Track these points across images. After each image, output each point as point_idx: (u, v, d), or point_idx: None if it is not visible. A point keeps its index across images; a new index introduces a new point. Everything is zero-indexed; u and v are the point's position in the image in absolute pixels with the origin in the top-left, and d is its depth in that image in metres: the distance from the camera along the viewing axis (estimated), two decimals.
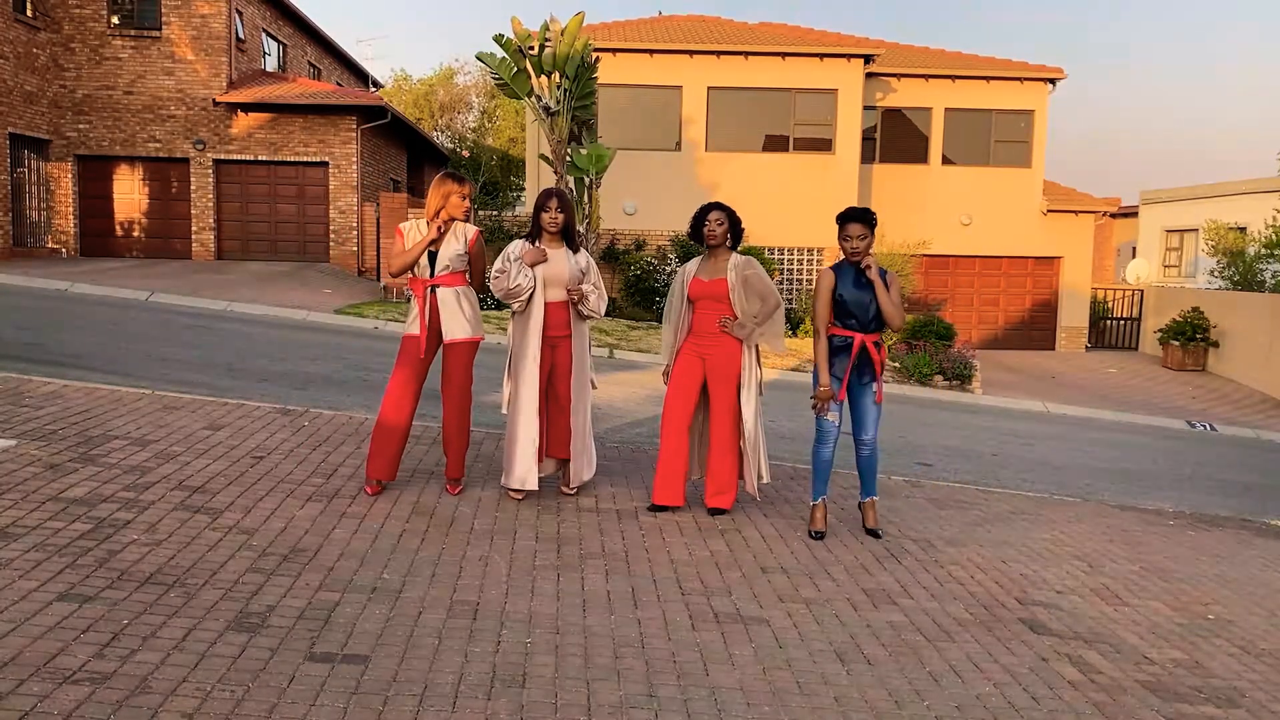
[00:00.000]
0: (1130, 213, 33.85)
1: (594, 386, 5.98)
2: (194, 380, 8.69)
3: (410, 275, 5.56)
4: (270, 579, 4.21)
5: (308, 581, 4.22)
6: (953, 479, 8.28)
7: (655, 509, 5.79)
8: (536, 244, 5.71)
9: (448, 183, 5.49)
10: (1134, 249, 35.12)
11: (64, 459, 5.45)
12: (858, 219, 5.43)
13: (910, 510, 6.52)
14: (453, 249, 5.50)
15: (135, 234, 22.99)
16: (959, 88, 23.62)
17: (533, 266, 5.58)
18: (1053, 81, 23.75)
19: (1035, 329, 24.75)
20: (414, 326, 5.55)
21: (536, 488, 5.65)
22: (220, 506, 5.04)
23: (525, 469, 5.59)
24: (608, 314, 17.97)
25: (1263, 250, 24.03)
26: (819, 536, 5.52)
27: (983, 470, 9.05)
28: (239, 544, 4.57)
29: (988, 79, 23.64)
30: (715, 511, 5.77)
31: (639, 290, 18.66)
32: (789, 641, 4.08)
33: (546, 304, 5.63)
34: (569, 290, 5.65)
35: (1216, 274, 24.61)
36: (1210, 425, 15.52)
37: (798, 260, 22.29)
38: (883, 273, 5.51)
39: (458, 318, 5.54)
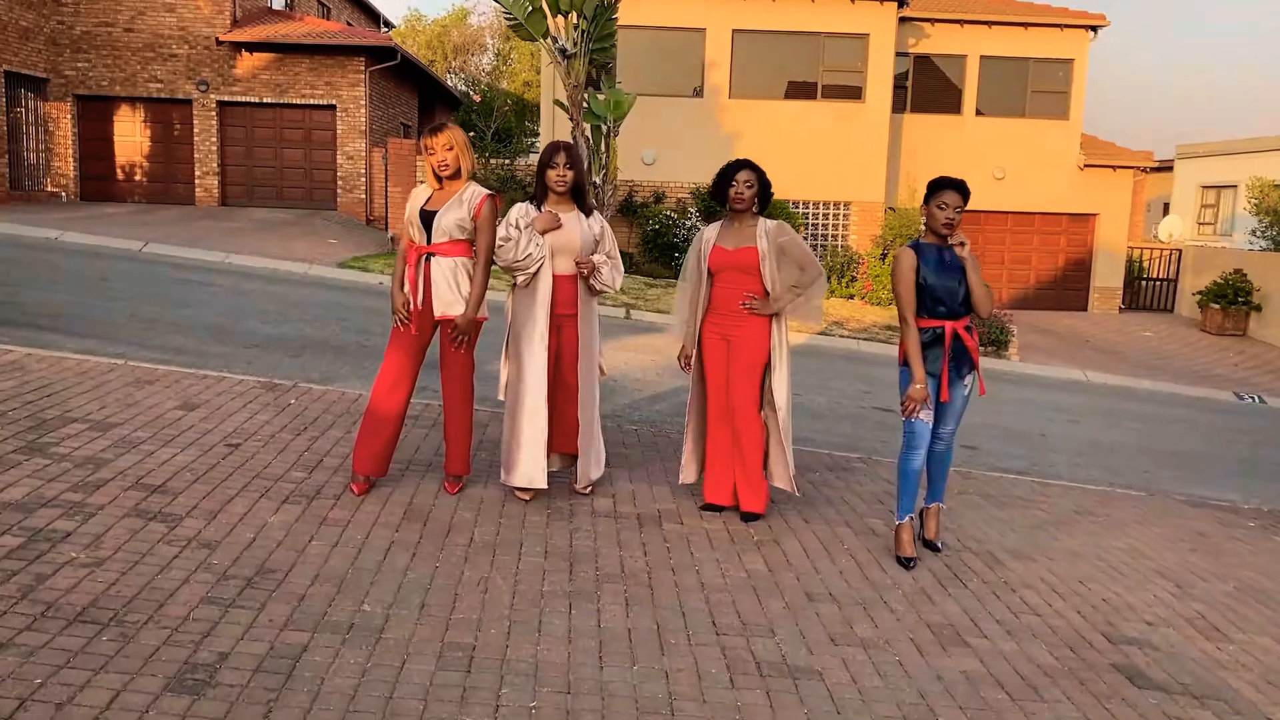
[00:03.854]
0: (1164, 168, 32.62)
1: (602, 372, 5.25)
2: (177, 345, 7.99)
3: (409, 237, 4.83)
4: (228, 613, 3.53)
5: (272, 616, 3.54)
6: (1003, 466, 7.56)
7: (710, 508, 5.13)
8: (544, 206, 4.95)
9: (422, 142, 4.75)
10: (1164, 205, 34.01)
11: (7, 449, 4.77)
12: (955, 187, 4.65)
13: (966, 510, 5.81)
14: (453, 215, 4.73)
15: (137, 178, 22.23)
16: (995, 34, 22.47)
17: (544, 234, 4.83)
18: (1094, 29, 22.58)
19: (1068, 289, 23.82)
20: (408, 296, 4.83)
21: (546, 486, 4.95)
22: (180, 512, 4.36)
23: (533, 466, 4.88)
24: (624, 270, 17.18)
25: None
26: (910, 564, 4.72)
27: (1033, 454, 8.32)
28: (196, 563, 3.89)
29: (1025, 25, 22.47)
30: (750, 517, 5.05)
31: (657, 246, 17.83)
32: (848, 703, 3.38)
33: (555, 276, 4.89)
34: (579, 263, 4.91)
35: (1259, 234, 23.58)
36: (1259, 397, 14.72)
37: (823, 215, 21.38)
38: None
39: (453, 292, 4.79)
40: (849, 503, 5.66)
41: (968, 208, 4.80)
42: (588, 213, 5.02)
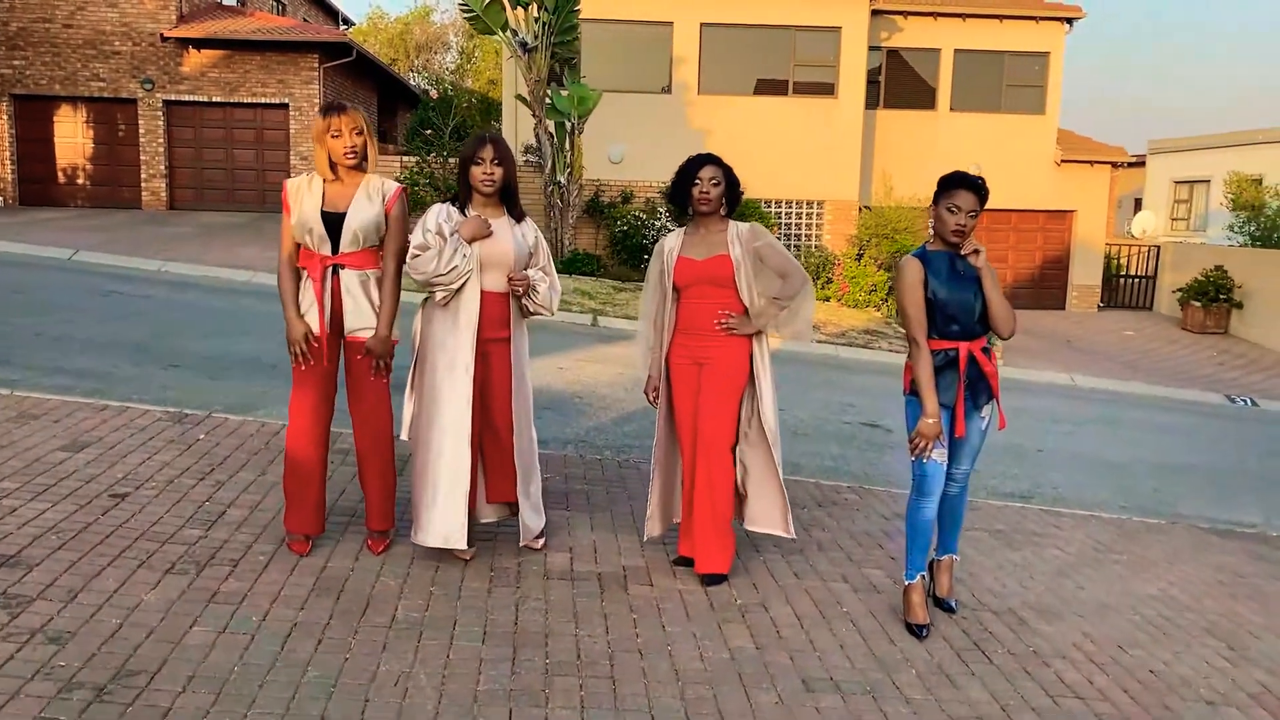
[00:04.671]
0: (1136, 163, 32.24)
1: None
2: (86, 369, 7.12)
3: (304, 247, 3.98)
4: None
5: None
6: (1006, 491, 6.86)
7: (685, 562, 4.37)
8: (468, 210, 4.16)
9: (319, 120, 3.91)
10: (1136, 201, 33.66)
11: None
12: (970, 186, 3.91)
13: (976, 553, 5.08)
14: (365, 213, 3.94)
15: (79, 181, 21.19)
16: (969, 27, 21.87)
17: (472, 243, 4.04)
18: (1070, 21, 22.05)
19: (1045, 287, 23.29)
20: (311, 320, 3.98)
21: (465, 546, 4.10)
22: (31, 592, 3.53)
23: (449, 522, 4.02)
24: (590, 273, 16.38)
25: None
26: (922, 633, 3.96)
27: (1034, 474, 7.61)
28: (36, 667, 3.07)
29: (1000, 18, 21.88)
30: (711, 580, 4.23)
31: (626, 247, 17.04)
32: None
33: (483, 293, 4.07)
34: (512, 278, 4.11)
35: (1237, 229, 23.13)
36: (1251, 400, 14.16)
37: (796, 215, 20.69)
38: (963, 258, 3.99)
39: (365, 308, 4.00)
40: (844, 547, 4.92)
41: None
42: (519, 218, 4.25)
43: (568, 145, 16.17)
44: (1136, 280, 24.10)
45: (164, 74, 20.80)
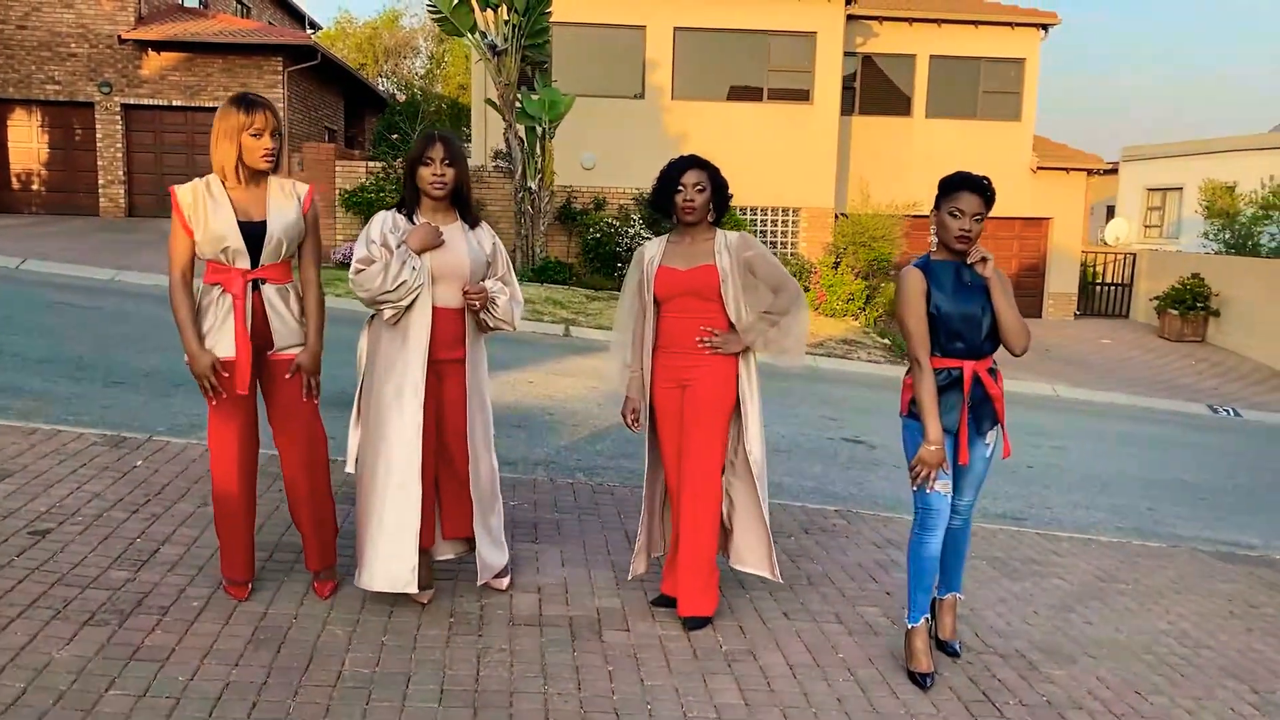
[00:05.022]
0: (1109, 170, 32.28)
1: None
2: (19, 386, 6.65)
3: (213, 262, 3.51)
4: None
5: None
6: (998, 511, 6.54)
7: (665, 603, 4.00)
8: (416, 217, 3.75)
9: (233, 113, 3.42)
10: (1108, 208, 33.69)
11: None
12: (974, 187, 3.56)
13: (976, 585, 4.73)
14: (287, 219, 3.52)
15: (35, 187, 20.59)
16: (945, 33, 21.71)
17: (421, 253, 3.65)
18: (1046, 27, 21.93)
19: (1022, 295, 23.07)
20: (223, 345, 3.50)
21: (416, 589, 3.68)
22: None
23: (397, 563, 3.61)
24: (562, 281, 15.99)
25: (1259, 212, 22.55)
26: (926, 682, 3.59)
27: (1025, 493, 7.31)
28: None
29: (976, 23, 21.75)
30: (694, 623, 3.85)
31: (599, 255, 16.66)
32: None
33: (435, 309, 3.67)
34: (467, 291, 3.70)
35: (1212, 236, 23.08)
36: (1233, 410, 13.98)
37: (772, 222, 20.41)
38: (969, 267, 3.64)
39: (292, 324, 3.60)
40: (835, 581, 4.56)
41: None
42: (473, 224, 3.85)
43: (539, 150, 15.79)
44: (1112, 288, 24.02)
45: (122, 77, 20.24)
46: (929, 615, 3.71)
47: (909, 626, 3.67)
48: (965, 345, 3.58)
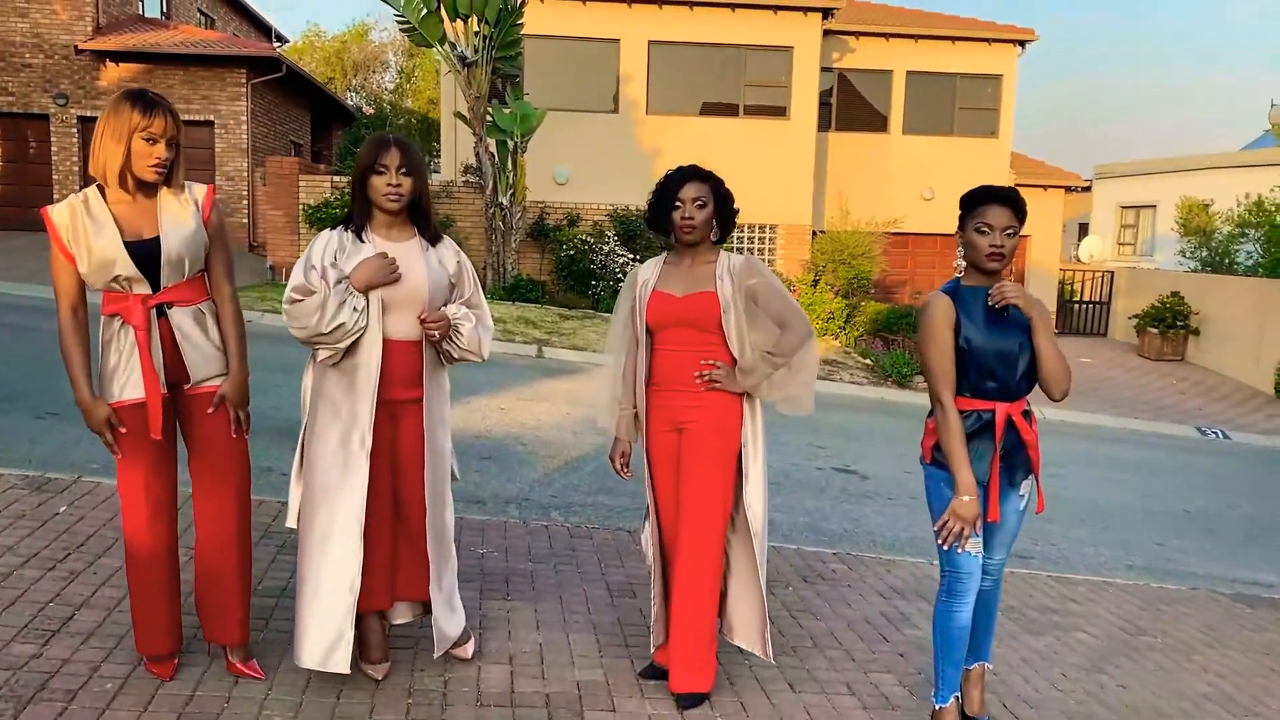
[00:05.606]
0: (1085, 188, 32.28)
1: (454, 478, 3.46)
2: None
3: (107, 294, 3.00)
4: None
5: None
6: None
7: (657, 674, 3.49)
8: (367, 234, 3.22)
9: (124, 110, 2.89)
10: (1080, 226, 33.66)
11: None
12: (1001, 199, 3.13)
13: (994, 640, 4.27)
14: (184, 231, 3.00)
15: None
16: (922, 49, 21.51)
17: (368, 290, 3.13)
18: (1023, 44, 21.78)
19: None
20: (131, 385, 2.99)
21: (346, 670, 3.15)
22: None
23: (331, 636, 3.11)
24: (534, 299, 15.49)
25: (1236, 230, 22.45)
26: None
27: (1027, 527, 6.83)
28: None
29: (953, 39, 21.59)
30: (690, 701, 3.34)
31: (573, 273, 16.17)
32: None
33: (387, 342, 3.16)
34: (425, 320, 3.18)
35: (1189, 254, 22.95)
36: (1221, 432, 13.69)
37: (748, 238, 20.05)
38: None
39: (210, 352, 3.09)
40: (842, 642, 4.09)
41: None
42: (434, 240, 3.33)
43: (510, 165, 15.32)
44: (1090, 306, 23.84)
45: (79, 88, 19.60)
46: (959, 694, 3.25)
47: (936, 706, 3.22)
48: (998, 384, 3.14)
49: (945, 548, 3.12)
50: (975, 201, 3.22)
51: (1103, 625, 4.74)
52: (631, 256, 16.18)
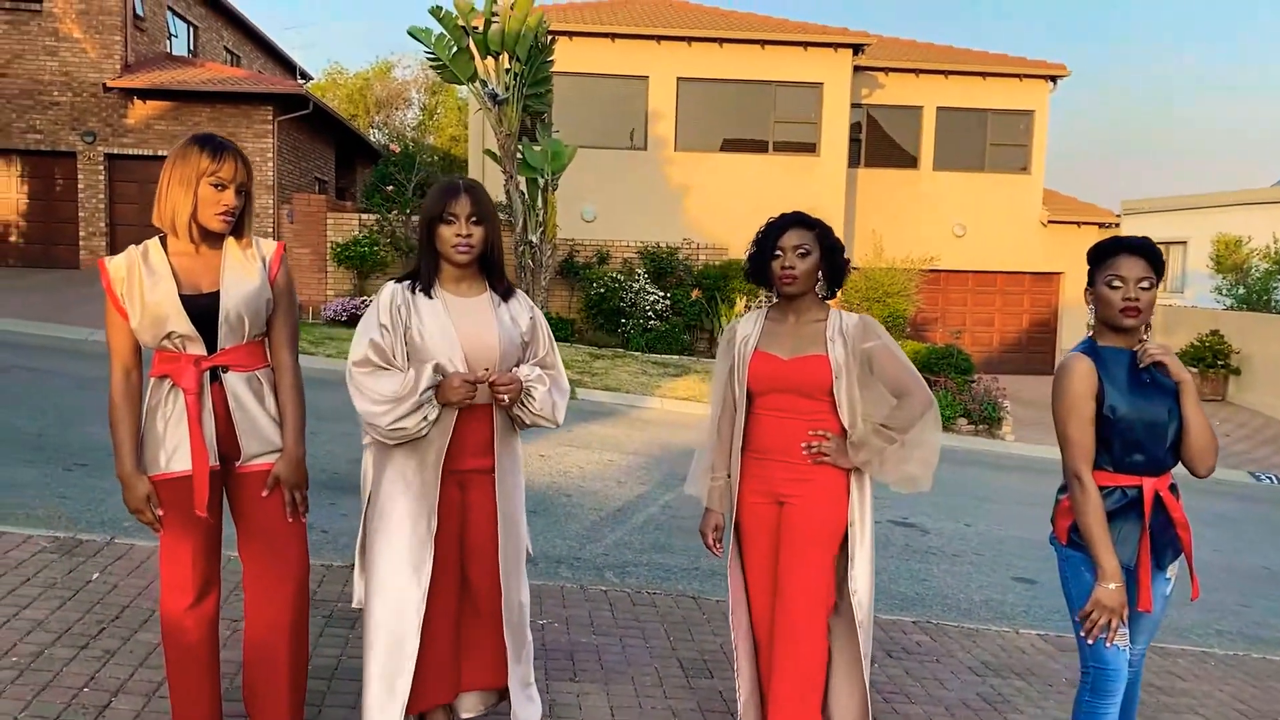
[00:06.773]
0: (1114, 224, 31.89)
1: (529, 557, 3.15)
2: None
3: (159, 353, 2.72)
4: None
5: None
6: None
7: None
8: (435, 290, 2.92)
9: (192, 154, 2.64)
10: None
11: None
12: (1133, 249, 2.81)
13: None
14: (247, 288, 2.72)
15: (12, 239, 19.78)
16: (952, 84, 21.30)
17: (446, 405, 2.83)
18: (1054, 79, 21.54)
19: (1034, 351, 22.51)
20: (179, 457, 2.70)
21: None
22: None
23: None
24: (563, 338, 15.22)
25: (1274, 267, 22.04)
26: None
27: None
28: None
29: (984, 75, 21.38)
30: None
31: (602, 311, 15.93)
32: None
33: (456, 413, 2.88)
34: (495, 383, 2.87)
35: (1225, 292, 22.54)
36: (1277, 477, 13.24)
37: None
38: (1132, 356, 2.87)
39: (264, 424, 2.79)
40: None
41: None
42: (505, 295, 3.04)
43: (540, 203, 15.11)
44: None
45: (107, 126, 19.55)
46: None
47: None
48: (1145, 457, 2.80)
49: (1090, 642, 2.77)
50: (1105, 254, 2.90)
51: (1215, 707, 4.35)
52: (661, 295, 15.91)
